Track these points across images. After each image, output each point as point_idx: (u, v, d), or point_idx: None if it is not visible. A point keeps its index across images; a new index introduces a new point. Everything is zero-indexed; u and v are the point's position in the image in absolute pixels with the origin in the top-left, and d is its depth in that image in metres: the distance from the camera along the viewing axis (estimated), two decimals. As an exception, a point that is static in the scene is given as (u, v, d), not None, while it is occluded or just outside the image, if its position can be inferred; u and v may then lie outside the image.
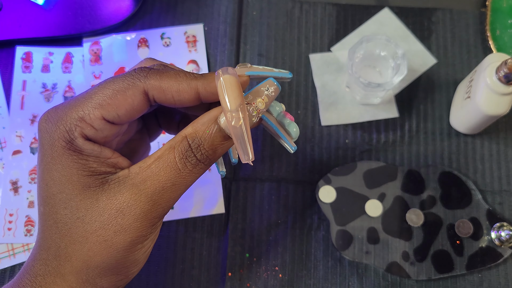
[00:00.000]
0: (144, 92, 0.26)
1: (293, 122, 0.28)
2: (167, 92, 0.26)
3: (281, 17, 0.46)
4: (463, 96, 0.40)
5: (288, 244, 0.40)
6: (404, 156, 0.42)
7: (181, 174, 0.26)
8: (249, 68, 0.28)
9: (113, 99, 0.25)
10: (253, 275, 0.39)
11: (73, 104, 0.26)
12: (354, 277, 0.39)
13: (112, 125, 0.26)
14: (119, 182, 0.26)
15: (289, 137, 0.28)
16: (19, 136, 0.43)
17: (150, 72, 0.26)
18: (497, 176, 0.42)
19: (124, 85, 0.26)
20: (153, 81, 0.26)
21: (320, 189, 0.40)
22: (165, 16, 0.47)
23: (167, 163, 0.26)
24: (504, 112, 0.37)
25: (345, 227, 0.40)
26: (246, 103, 0.26)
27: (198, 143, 0.26)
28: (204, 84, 0.27)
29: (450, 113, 0.43)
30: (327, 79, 0.44)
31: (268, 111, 0.28)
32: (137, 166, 0.26)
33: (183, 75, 0.26)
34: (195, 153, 0.26)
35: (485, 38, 0.45)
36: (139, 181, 0.26)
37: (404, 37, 0.46)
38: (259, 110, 0.26)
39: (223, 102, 0.25)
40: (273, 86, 0.27)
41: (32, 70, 0.45)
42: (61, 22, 0.45)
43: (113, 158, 0.27)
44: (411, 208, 0.40)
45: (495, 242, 0.39)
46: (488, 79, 0.36)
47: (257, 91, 0.27)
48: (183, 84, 0.26)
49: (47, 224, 0.26)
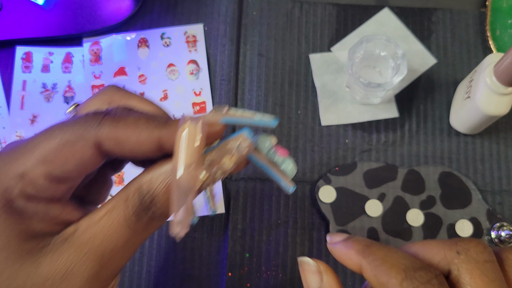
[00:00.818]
0: (96, 144, 0.22)
1: (288, 157, 0.25)
2: (124, 144, 0.22)
3: (281, 17, 0.46)
4: (463, 96, 0.40)
5: (288, 244, 0.40)
6: (404, 156, 0.42)
7: (134, 231, 0.23)
8: (224, 114, 0.23)
9: (59, 152, 0.21)
10: (253, 275, 0.39)
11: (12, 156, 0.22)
12: (355, 277, 0.39)
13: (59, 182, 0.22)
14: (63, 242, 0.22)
15: (285, 176, 0.24)
16: (19, 136, 0.43)
17: (104, 119, 0.22)
18: (497, 176, 0.42)
19: (72, 136, 0.22)
20: (107, 131, 0.22)
21: (320, 189, 0.40)
22: (165, 16, 0.47)
23: (119, 218, 0.22)
24: (504, 112, 0.37)
25: (345, 227, 0.40)
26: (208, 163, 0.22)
27: (152, 198, 0.22)
28: (169, 134, 0.22)
29: (450, 113, 0.43)
30: (327, 79, 0.44)
31: (256, 148, 0.24)
32: (85, 221, 0.23)
33: (143, 122, 0.22)
34: (147, 209, 0.22)
35: (485, 38, 0.45)
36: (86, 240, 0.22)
37: (404, 37, 0.46)
38: (224, 170, 0.22)
39: (175, 158, 0.21)
40: (247, 143, 0.22)
41: (32, 70, 0.45)
42: (61, 22, 0.45)
43: (62, 215, 0.23)
44: (411, 208, 0.40)
45: (495, 242, 0.39)
46: (488, 79, 0.36)
47: (226, 147, 0.22)
48: (143, 134, 0.22)
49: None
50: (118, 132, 0.22)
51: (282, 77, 0.45)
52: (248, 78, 0.45)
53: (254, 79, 0.45)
